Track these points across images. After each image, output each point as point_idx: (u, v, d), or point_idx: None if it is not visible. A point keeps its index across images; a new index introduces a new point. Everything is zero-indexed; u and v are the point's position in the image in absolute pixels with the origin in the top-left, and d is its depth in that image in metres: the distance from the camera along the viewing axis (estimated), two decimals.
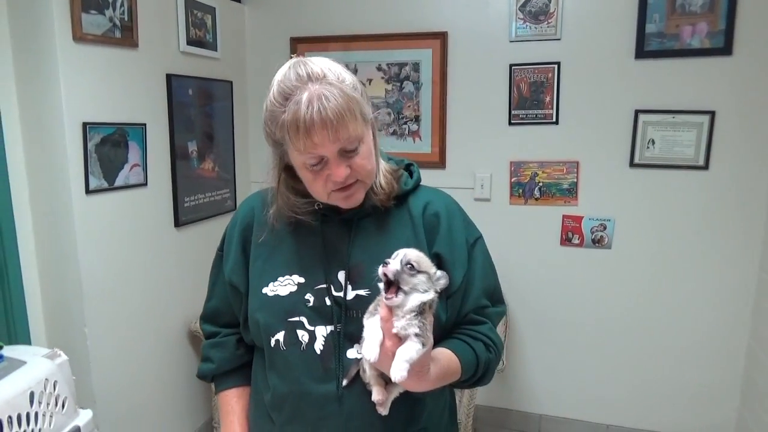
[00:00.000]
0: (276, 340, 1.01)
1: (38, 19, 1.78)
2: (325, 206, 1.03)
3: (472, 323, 1.06)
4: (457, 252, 1.05)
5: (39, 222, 1.92)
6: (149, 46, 2.18)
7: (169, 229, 2.37)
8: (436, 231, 1.05)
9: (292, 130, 0.90)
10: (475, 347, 1.03)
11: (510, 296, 2.71)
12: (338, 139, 0.91)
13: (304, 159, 0.94)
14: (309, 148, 0.91)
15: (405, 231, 1.04)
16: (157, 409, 2.34)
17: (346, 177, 0.94)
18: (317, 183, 0.97)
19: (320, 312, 1.00)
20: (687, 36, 2.34)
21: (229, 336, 1.17)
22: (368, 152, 0.97)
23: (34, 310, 1.95)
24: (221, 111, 2.69)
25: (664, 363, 2.58)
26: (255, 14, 2.88)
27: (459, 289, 1.04)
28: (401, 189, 1.06)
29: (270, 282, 1.03)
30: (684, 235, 2.47)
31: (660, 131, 2.42)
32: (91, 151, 1.93)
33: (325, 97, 0.89)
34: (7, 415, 0.91)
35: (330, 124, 0.89)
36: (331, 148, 0.92)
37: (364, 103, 0.96)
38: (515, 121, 2.59)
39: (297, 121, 0.89)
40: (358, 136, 0.94)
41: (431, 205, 1.07)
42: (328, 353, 0.99)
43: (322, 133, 0.89)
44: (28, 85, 1.83)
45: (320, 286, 1.01)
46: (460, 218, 1.09)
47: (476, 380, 1.06)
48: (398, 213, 1.06)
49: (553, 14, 2.48)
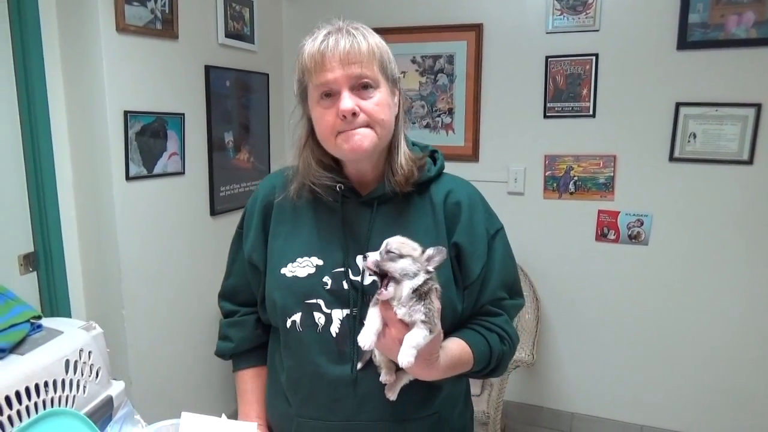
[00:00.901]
0: (293, 321, 1.01)
1: (84, 10, 1.85)
2: (345, 187, 1.03)
3: (488, 314, 1.06)
4: (477, 243, 1.04)
5: (81, 206, 2.00)
6: (189, 38, 2.23)
7: (204, 218, 2.43)
8: (457, 221, 1.04)
9: (309, 56, 0.95)
10: (489, 339, 1.03)
11: (543, 291, 2.67)
12: (350, 66, 0.93)
13: (317, 90, 0.96)
14: (320, 73, 0.94)
15: (425, 219, 1.04)
16: (190, 389, 2.41)
17: (352, 110, 0.93)
18: (326, 118, 0.96)
19: (337, 295, 1.00)
20: (732, 26, 2.26)
21: (248, 315, 1.17)
22: (383, 102, 0.97)
23: (75, 292, 2.02)
24: (258, 103, 2.74)
25: (701, 364, 2.50)
26: (292, 7, 2.92)
27: (477, 280, 1.03)
28: (424, 176, 1.05)
29: (289, 263, 1.03)
30: (725, 233, 2.38)
31: (702, 125, 2.35)
32: (131, 138, 2.00)
33: (346, 33, 0.95)
34: (44, 380, 0.95)
35: (344, 51, 0.93)
36: (342, 79, 0.93)
37: (387, 60, 0.99)
38: (550, 113, 2.55)
39: (314, 50, 0.94)
40: (371, 76, 0.95)
41: (453, 193, 1.06)
42: (344, 336, 0.99)
43: (335, 59, 0.93)
44: (73, 73, 1.91)
45: (338, 270, 1.01)
46: (482, 208, 1.08)
47: (489, 372, 1.06)
48: (419, 200, 1.05)
49: (591, 5, 2.43)
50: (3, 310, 1.07)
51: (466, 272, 1.03)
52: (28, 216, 1.87)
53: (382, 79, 0.97)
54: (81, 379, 1.02)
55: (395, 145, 1.03)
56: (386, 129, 0.99)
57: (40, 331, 1.07)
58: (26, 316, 1.06)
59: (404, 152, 1.03)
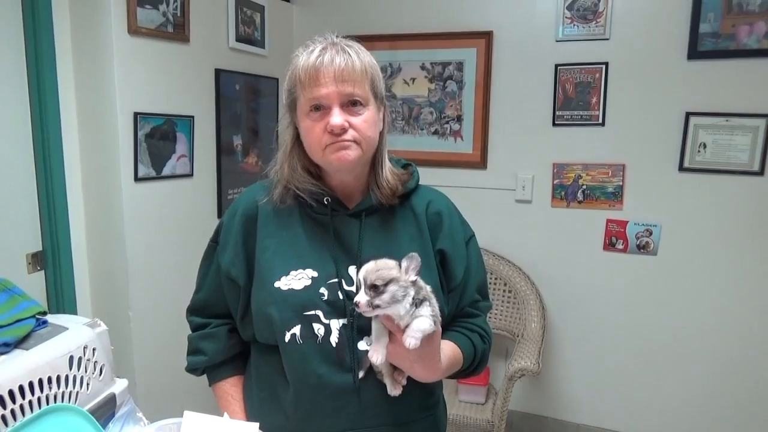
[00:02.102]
0: (292, 334, 1.00)
1: (97, 12, 1.87)
2: (333, 200, 1.06)
3: (468, 316, 1.13)
4: (458, 249, 1.10)
5: (90, 206, 2.01)
6: (200, 42, 2.25)
7: (212, 220, 2.44)
8: (440, 228, 1.10)
9: (303, 70, 0.97)
10: (472, 339, 1.10)
11: (550, 300, 2.66)
12: (343, 83, 0.96)
13: (308, 103, 0.98)
14: (313, 87, 0.97)
15: (410, 228, 1.08)
16: (194, 389, 2.39)
17: (342, 126, 0.97)
18: (315, 131, 0.99)
19: (334, 305, 1.01)
20: (744, 36, 2.25)
21: (220, 326, 1.16)
22: (371, 120, 1.01)
23: (82, 291, 2.03)
24: (267, 107, 2.75)
25: (711, 375, 2.47)
26: (303, 13, 2.94)
27: (459, 284, 1.09)
28: (406, 188, 1.10)
29: (282, 276, 1.02)
30: (735, 244, 2.36)
31: (712, 135, 2.33)
32: (140, 140, 2.01)
33: (341, 50, 0.98)
34: (47, 375, 0.95)
35: (338, 69, 0.96)
36: (334, 96, 0.96)
37: (378, 79, 1.03)
38: (559, 122, 2.55)
39: (308, 65, 0.97)
40: (362, 94, 0.99)
41: (433, 203, 1.12)
42: (343, 346, 1.00)
43: (328, 73, 0.96)
44: (84, 74, 1.93)
45: (332, 281, 1.02)
46: (457, 217, 1.15)
47: (473, 369, 1.13)
48: (402, 211, 1.10)
49: (602, 14, 2.43)
50: (9, 305, 1.07)
51: (450, 276, 1.09)
52: (37, 215, 1.89)
53: (371, 97, 1.01)
54: (85, 376, 1.02)
55: (379, 160, 1.08)
56: (371, 144, 1.03)
57: (46, 326, 1.07)
58: (32, 311, 1.07)
59: (388, 167, 1.08)
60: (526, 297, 2.57)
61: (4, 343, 0.96)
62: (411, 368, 0.96)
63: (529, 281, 2.61)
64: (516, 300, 2.60)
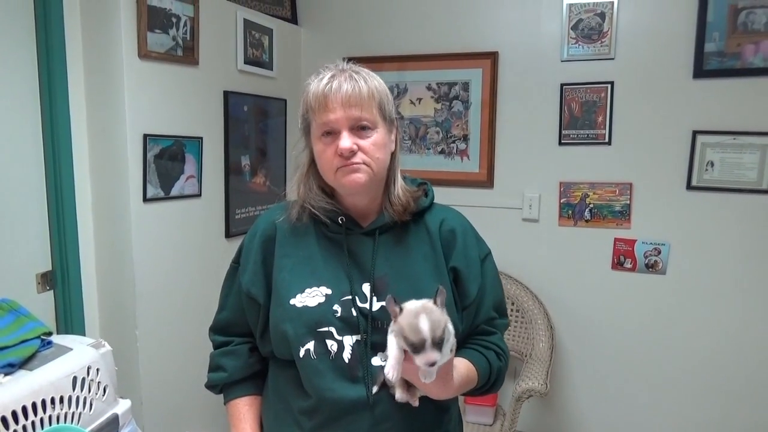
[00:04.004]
0: (306, 350, 1.03)
1: (108, 36, 1.92)
2: (347, 219, 1.09)
3: (483, 333, 1.14)
4: (472, 266, 1.12)
5: (99, 226, 2.03)
6: (209, 64, 2.29)
7: (219, 240, 2.46)
8: (453, 246, 1.12)
9: (314, 96, 1.02)
10: (488, 356, 1.11)
11: (557, 320, 2.64)
12: (351, 108, 1.00)
13: (320, 129, 1.03)
14: (323, 113, 1.00)
15: (423, 246, 1.11)
16: (200, 412, 2.40)
17: (351, 149, 1.00)
18: (327, 155, 1.03)
19: (347, 322, 1.04)
20: (749, 55, 2.25)
21: (242, 345, 1.19)
22: (380, 143, 1.05)
23: (90, 310, 2.05)
24: (275, 127, 2.78)
25: (723, 397, 2.42)
26: (310, 35, 2.98)
27: (474, 301, 1.11)
28: (420, 206, 1.13)
29: (297, 293, 1.06)
30: (744, 263, 2.34)
31: (720, 153, 2.33)
32: (150, 161, 2.04)
33: (349, 77, 1.01)
34: (50, 395, 0.96)
35: (345, 95, 1.00)
36: (343, 121, 1.00)
37: (386, 102, 1.06)
38: (566, 140, 2.55)
39: (318, 91, 1.02)
40: (370, 119, 1.02)
41: (447, 222, 1.14)
42: (355, 362, 1.03)
43: (336, 101, 1.00)
44: (95, 96, 1.97)
45: (346, 298, 1.05)
46: (472, 235, 1.17)
47: (489, 387, 1.13)
48: (416, 229, 1.13)
49: (606, 33, 2.44)
50: (15, 326, 1.09)
51: (464, 294, 1.10)
52: (47, 235, 1.91)
53: (379, 120, 1.05)
54: (88, 396, 1.03)
55: (392, 179, 1.11)
56: (381, 166, 1.06)
57: (50, 347, 1.08)
58: (37, 332, 1.08)
59: (400, 185, 1.12)
60: (534, 316, 2.55)
61: (9, 363, 0.97)
62: (424, 385, 0.98)
63: (537, 300, 2.60)
64: (524, 319, 2.59)
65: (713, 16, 2.27)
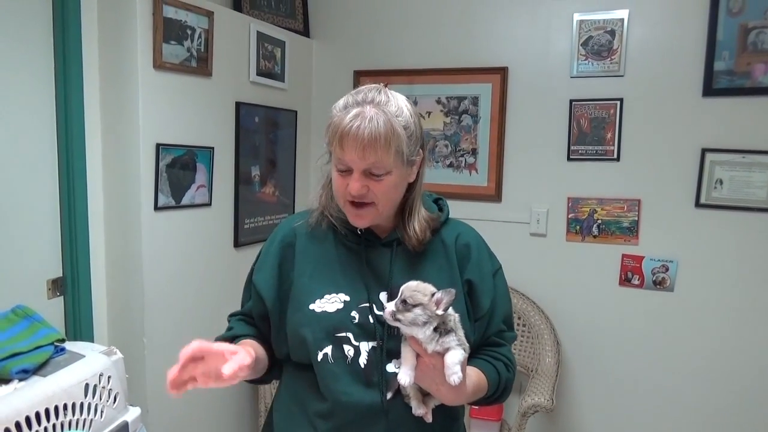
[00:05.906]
0: (324, 354, 1.06)
1: (124, 47, 1.95)
2: (367, 231, 1.12)
3: (493, 345, 1.18)
4: (485, 280, 1.16)
5: (110, 233, 2.05)
6: (221, 75, 2.32)
7: (228, 249, 2.47)
8: (468, 260, 1.16)
9: (333, 133, 1.03)
10: (497, 367, 1.15)
11: (564, 336, 2.63)
12: (364, 158, 1.00)
13: (337, 161, 1.05)
14: (339, 154, 1.02)
15: (439, 259, 1.15)
16: (205, 421, 2.40)
17: (359, 192, 1.03)
18: (340, 186, 1.07)
19: (364, 328, 1.07)
20: (759, 74, 2.26)
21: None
22: (392, 185, 1.06)
23: (99, 317, 2.06)
24: (285, 138, 2.80)
25: (731, 415, 2.40)
26: (322, 48, 3.01)
27: (486, 313, 1.14)
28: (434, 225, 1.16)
29: (317, 299, 1.09)
30: (754, 281, 2.33)
31: (729, 171, 2.33)
32: (161, 170, 2.06)
33: (370, 119, 1.00)
34: (63, 402, 0.97)
35: (362, 142, 0.99)
36: (357, 163, 1.02)
37: (407, 143, 1.04)
38: (574, 156, 2.56)
39: (338, 127, 1.02)
40: (384, 165, 1.02)
41: (462, 236, 1.18)
42: (371, 367, 1.06)
43: (352, 145, 1.00)
44: (110, 105, 2.00)
45: (363, 305, 1.09)
46: (485, 249, 1.21)
47: (498, 396, 1.17)
48: (433, 242, 1.16)
49: (616, 51, 2.46)
50: (29, 332, 1.10)
51: (477, 306, 1.14)
52: (59, 242, 1.93)
53: (395, 164, 1.04)
54: (99, 403, 1.04)
55: (409, 209, 1.13)
56: (390, 205, 1.09)
57: (63, 353, 1.10)
58: (51, 338, 1.09)
59: (420, 216, 1.13)
60: (540, 331, 2.55)
61: (23, 369, 0.98)
62: (438, 391, 1.01)
63: (544, 315, 2.59)
64: (530, 334, 2.58)
65: (723, 35, 2.29)
